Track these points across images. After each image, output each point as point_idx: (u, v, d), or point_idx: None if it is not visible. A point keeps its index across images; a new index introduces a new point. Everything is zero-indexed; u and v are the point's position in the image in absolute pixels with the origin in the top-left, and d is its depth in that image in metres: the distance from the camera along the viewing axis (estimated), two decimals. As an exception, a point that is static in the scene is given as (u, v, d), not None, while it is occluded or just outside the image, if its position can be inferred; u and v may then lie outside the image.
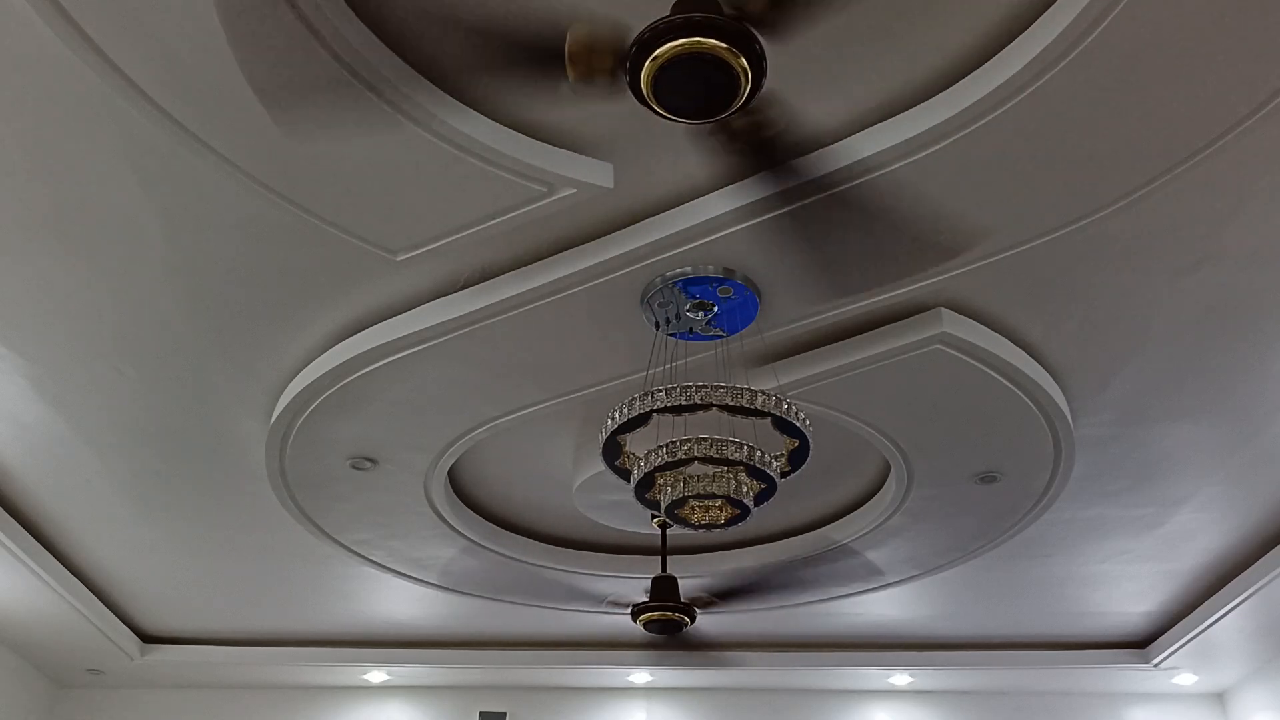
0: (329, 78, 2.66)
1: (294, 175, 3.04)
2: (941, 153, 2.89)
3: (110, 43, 2.60)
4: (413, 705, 7.19)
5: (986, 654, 6.70)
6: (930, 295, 3.56)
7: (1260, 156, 2.98)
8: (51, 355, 3.90)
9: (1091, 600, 6.04)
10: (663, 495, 3.27)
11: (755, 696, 7.19)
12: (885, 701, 7.20)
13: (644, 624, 4.95)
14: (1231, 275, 3.47)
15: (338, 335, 3.77)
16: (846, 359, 3.76)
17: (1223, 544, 5.35)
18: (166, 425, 4.36)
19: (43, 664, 6.65)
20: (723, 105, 2.24)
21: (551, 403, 4.03)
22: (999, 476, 4.48)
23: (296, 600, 6.15)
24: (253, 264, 3.43)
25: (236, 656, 6.75)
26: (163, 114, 2.80)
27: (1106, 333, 3.75)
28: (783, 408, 3.02)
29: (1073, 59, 2.61)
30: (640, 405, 3.02)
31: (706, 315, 3.51)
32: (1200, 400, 4.14)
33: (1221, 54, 2.64)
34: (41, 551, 5.34)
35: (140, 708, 7.09)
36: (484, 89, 2.83)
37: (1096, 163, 2.97)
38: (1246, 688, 6.79)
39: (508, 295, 3.45)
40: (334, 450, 4.32)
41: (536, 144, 2.99)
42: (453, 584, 5.71)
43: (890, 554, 5.29)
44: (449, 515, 4.91)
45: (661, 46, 2.13)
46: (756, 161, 2.90)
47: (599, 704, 7.20)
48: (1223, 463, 4.60)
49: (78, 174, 3.06)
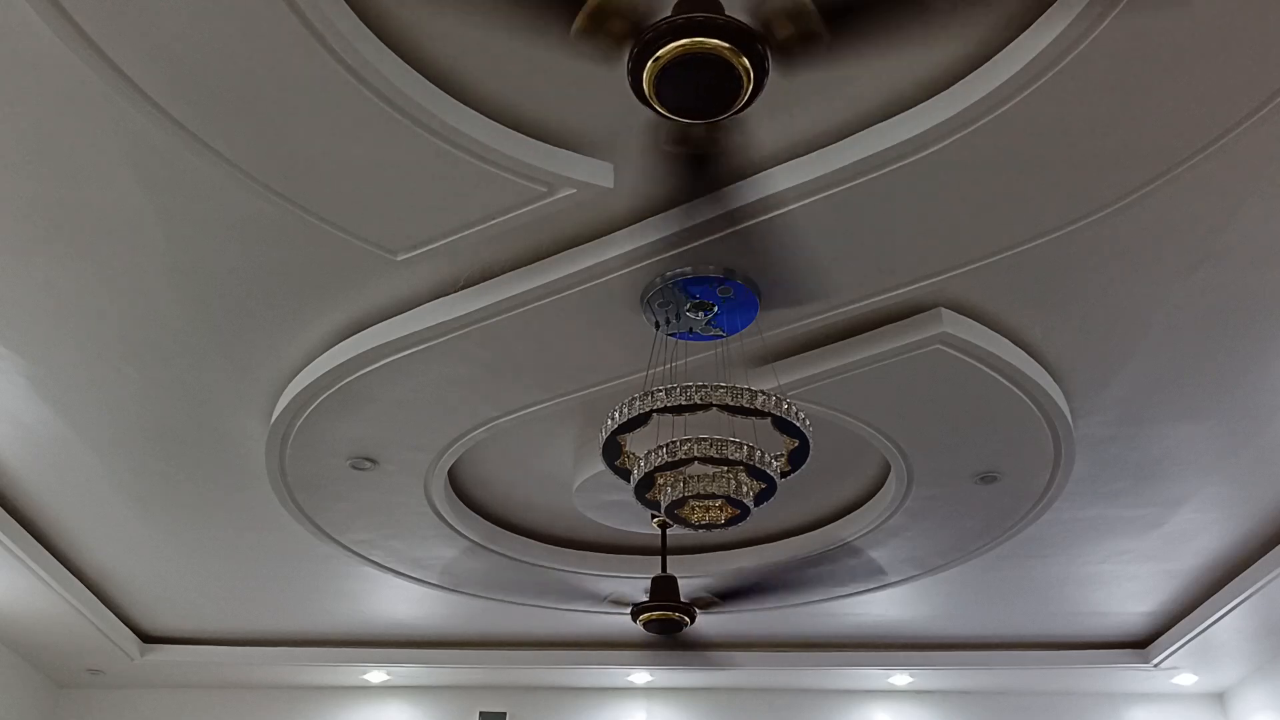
0: (329, 77, 2.66)
1: (294, 175, 3.03)
2: (941, 153, 2.89)
3: (110, 43, 2.60)
4: (413, 705, 7.19)
5: (986, 654, 6.71)
6: (930, 295, 3.56)
7: (1260, 156, 2.98)
8: (51, 355, 3.90)
9: (1091, 600, 6.04)
10: (663, 495, 3.27)
11: (755, 696, 7.19)
12: (885, 701, 7.20)
13: (644, 624, 4.95)
14: (1231, 275, 3.47)
15: (338, 335, 3.77)
16: (846, 359, 3.76)
17: (1223, 544, 5.35)
18: (166, 425, 4.36)
19: (43, 664, 6.65)
20: (725, 105, 2.24)
21: (551, 403, 4.03)
22: (999, 476, 4.48)
23: (296, 600, 6.15)
24: (253, 264, 3.43)
25: (236, 656, 6.75)
26: (163, 114, 2.80)
27: (1106, 333, 3.75)
28: (783, 408, 3.02)
29: (1073, 59, 2.61)
30: (640, 405, 3.02)
31: (706, 315, 3.51)
32: (1200, 400, 4.14)
33: (1221, 54, 2.64)
34: (41, 551, 5.34)
35: (140, 708, 7.09)
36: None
37: (1096, 163, 2.97)
38: (1246, 688, 6.79)
39: (508, 295, 3.45)
40: (334, 450, 4.32)
41: (536, 144, 2.98)
42: (453, 584, 5.71)
43: (890, 554, 5.29)
44: (449, 515, 4.91)
45: (664, 47, 2.13)
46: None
47: (599, 704, 7.20)
48: (1223, 463, 4.60)
49: (78, 174, 3.06)
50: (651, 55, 2.13)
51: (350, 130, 2.85)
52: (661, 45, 2.12)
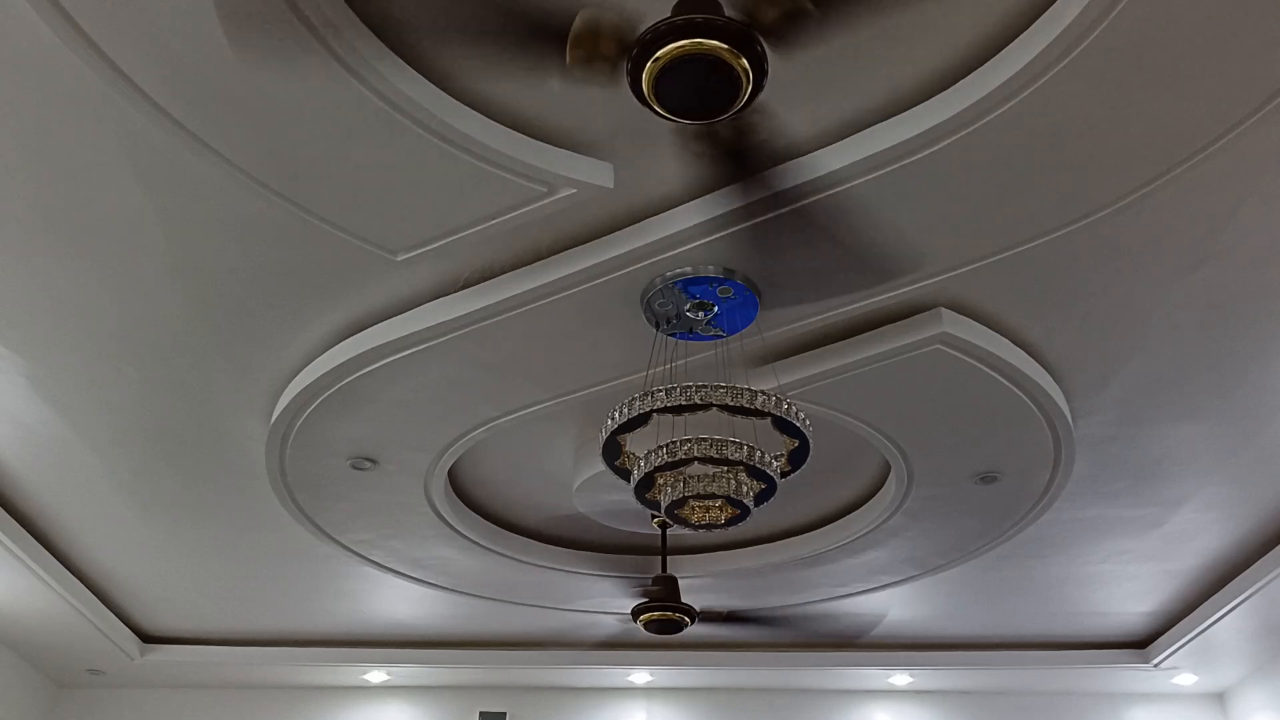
0: (329, 77, 2.66)
1: (294, 175, 3.04)
2: (941, 152, 2.89)
3: (110, 43, 2.60)
4: (413, 705, 7.19)
5: (986, 654, 6.71)
6: (930, 295, 3.56)
7: (1260, 156, 2.98)
8: (51, 355, 3.90)
9: (1091, 600, 6.04)
10: (663, 495, 3.27)
11: (755, 696, 7.19)
12: (885, 701, 7.20)
13: (644, 624, 4.95)
14: (1232, 275, 3.47)
15: (338, 335, 3.77)
16: (846, 359, 3.76)
17: (1223, 544, 5.35)
18: (166, 425, 4.36)
19: (43, 664, 6.65)
20: (724, 106, 2.24)
21: (551, 403, 4.03)
22: (999, 476, 4.48)
23: (296, 600, 6.15)
24: (253, 264, 3.43)
25: (236, 656, 6.75)
26: (163, 114, 2.80)
27: (1106, 333, 3.75)
28: (783, 408, 3.02)
29: (1073, 59, 2.61)
30: (640, 405, 3.02)
31: (706, 315, 3.51)
32: (1200, 400, 4.14)
33: (1221, 54, 2.64)
34: (41, 551, 5.34)
35: (140, 708, 7.09)
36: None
37: (1096, 163, 2.97)
38: (1246, 688, 6.79)
39: (508, 295, 3.45)
40: (334, 450, 4.32)
41: (536, 144, 2.99)
42: (453, 584, 5.71)
43: (890, 554, 5.29)
44: (449, 515, 4.91)
45: (663, 47, 2.13)
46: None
47: (599, 704, 7.20)
48: (1223, 463, 4.60)
49: (78, 174, 3.06)
50: (651, 56, 2.13)
51: (350, 130, 2.85)
52: (661, 46, 2.12)
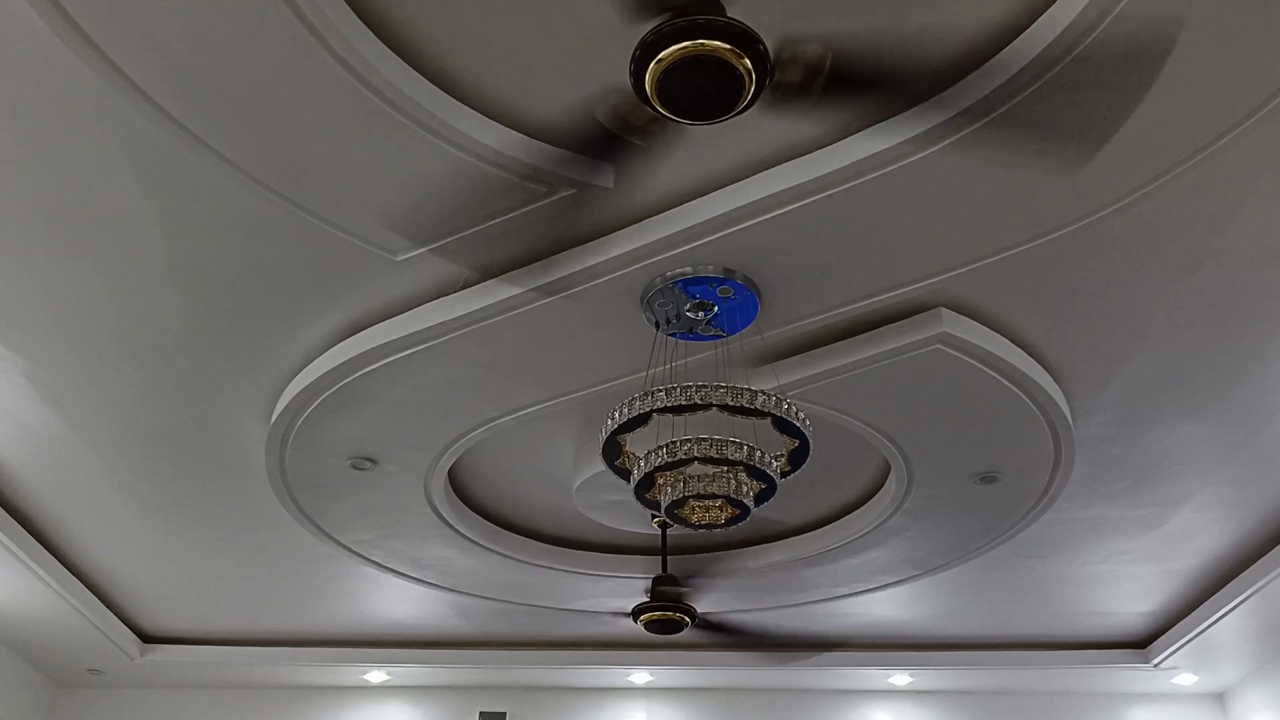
0: (329, 77, 2.66)
1: (294, 175, 3.04)
2: (941, 153, 2.89)
3: (110, 43, 2.60)
4: (413, 705, 7.19)
5: (986, 654, 6.71)
6: (930, 295, 3.56)
7: (1260, 156, 2.98)
8: (51, 355, 3.90)
9: (1091, 600, 6.04)
10: (663, 495, 3.27)
11: (755, 696, 7.19)
12: (885, 701, 7.20)
13: (644, 624, 4.96)
14: (1231, 275, 3.47)
15: (338, 335, 3.77)
16: (846, 359, 3.76)
17: (1223, 544, 5.36)
18: (166, 425, 4.36)
19: (43, 664, 6.65)
20: (727, 106, 2.24)
21: (551, 403, 4.03)
22: (999, 476, 4.48)
23: (296, 600, 6.14)
24: (253, 264, 3.43)
25: (236, 656, 6.74)
26: (163, 114, 2.80)
27: (1106, 333, 3.75)
28: (783, 408, 3.02)
29: (1073, 59, 2.61)
30: (640, 405, 3.02)
31: (706, 315, 3.51)
32: (1200, 400, 4.14)
33: (1221, 54, 2.64)
34: (41, 551, 5.34)
35: (140, 708, 7.09)
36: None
37: (1097, 163, 2.97)
38: (1246, 688, 6.79)
39: (508, 295, 3.45)
40: (334, 450, 4.32)
41: (536, 144, 2.98)
42: (453, 584, 5.71)
43: (890, 554, 5.29)
44: (449, 515, 4.91)
45: (666, 49, 2.13)
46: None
47: (599, 704, 7.20)
48: (1223, 463, 4.60)
49: (78, 174, 3.06)
50: (654, 57, 2.13)
51: (350, 130, 2.85)
52: (664, 47, 2.12)
